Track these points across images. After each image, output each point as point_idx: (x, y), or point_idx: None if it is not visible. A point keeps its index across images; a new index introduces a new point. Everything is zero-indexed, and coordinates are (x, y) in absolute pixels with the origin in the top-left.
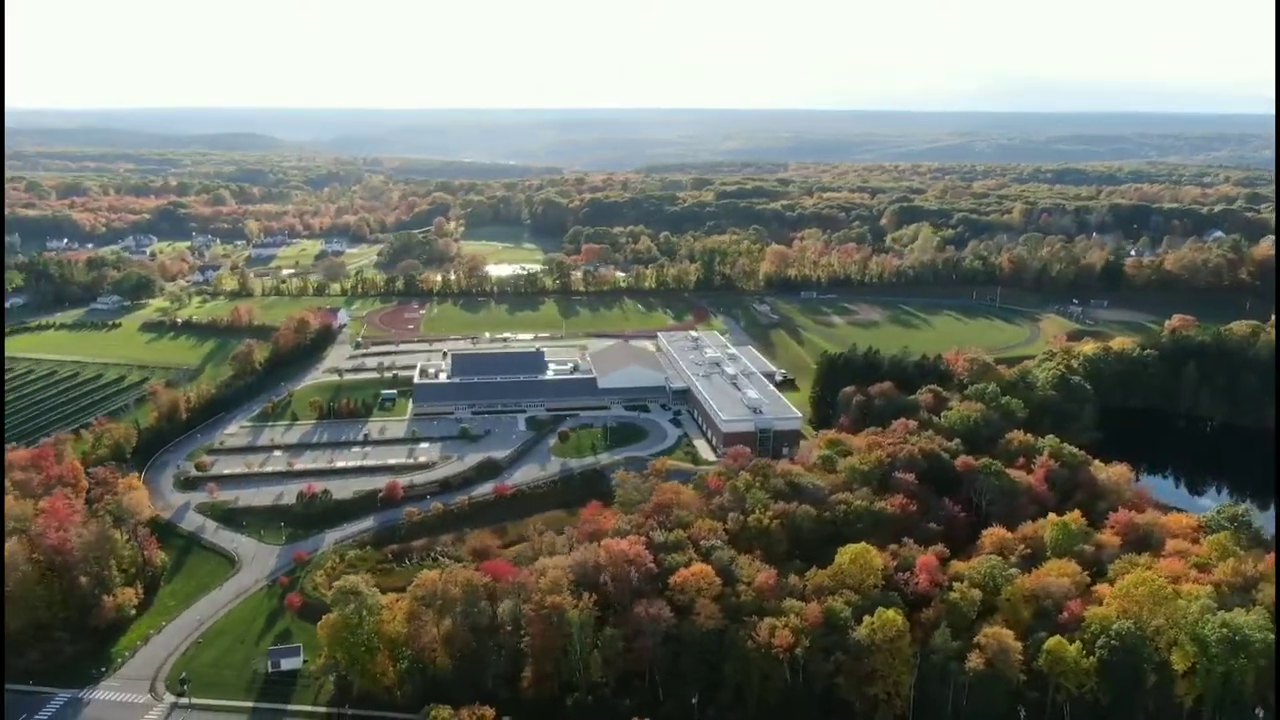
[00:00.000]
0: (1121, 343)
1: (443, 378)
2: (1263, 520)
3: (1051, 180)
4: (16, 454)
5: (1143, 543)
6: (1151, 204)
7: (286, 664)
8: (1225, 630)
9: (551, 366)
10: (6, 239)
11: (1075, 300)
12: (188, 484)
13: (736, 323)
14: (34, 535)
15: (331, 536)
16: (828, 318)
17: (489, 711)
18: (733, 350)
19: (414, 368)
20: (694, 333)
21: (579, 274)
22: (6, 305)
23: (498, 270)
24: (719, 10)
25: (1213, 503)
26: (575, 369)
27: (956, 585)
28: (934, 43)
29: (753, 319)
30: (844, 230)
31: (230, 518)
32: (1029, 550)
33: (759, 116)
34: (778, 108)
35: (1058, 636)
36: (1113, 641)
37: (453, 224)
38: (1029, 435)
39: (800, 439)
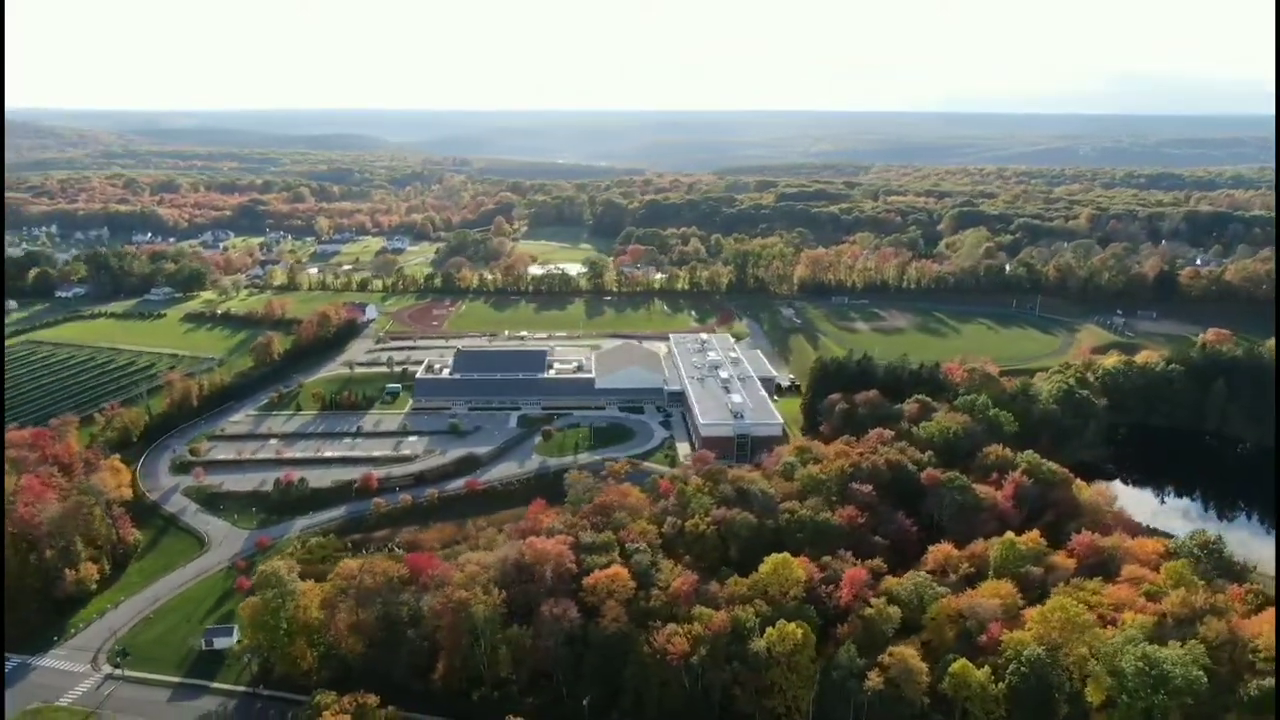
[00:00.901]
0: (1148, 356)
1: (446, 374)
2: (1257, 548)
3: (1144, 185)
4: (17, 433)
5: (1102, 567)
6: (1235, 211)
7: (219, 643)
8: (1142, 664)
9: (555, 366)
10: (97, 232)
11: (1120, 311)
12: (181, 468)
13: (760, 326)
14: (7, 509)
15: (301, 523)
16: (853, 323)
17: (372, 699)
18: (736, 354)
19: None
20: (704, 335)
21: (612, 274)
22: (68, 295)
23: (534, 270)
24: (818, 13)
25: (1246, 531)
26: (579, 368)
27: (874, 601)
28: (1056, 43)
29: (776, 323)
30: (894, 235)
31: (211, 501)
32: (973, 569)
33: (857, 119)
34: (876, 110)
35: (963, 660)
36: (1022, 668)
37: (517, 224)
38: (1007, 450)
39: (781, 445)
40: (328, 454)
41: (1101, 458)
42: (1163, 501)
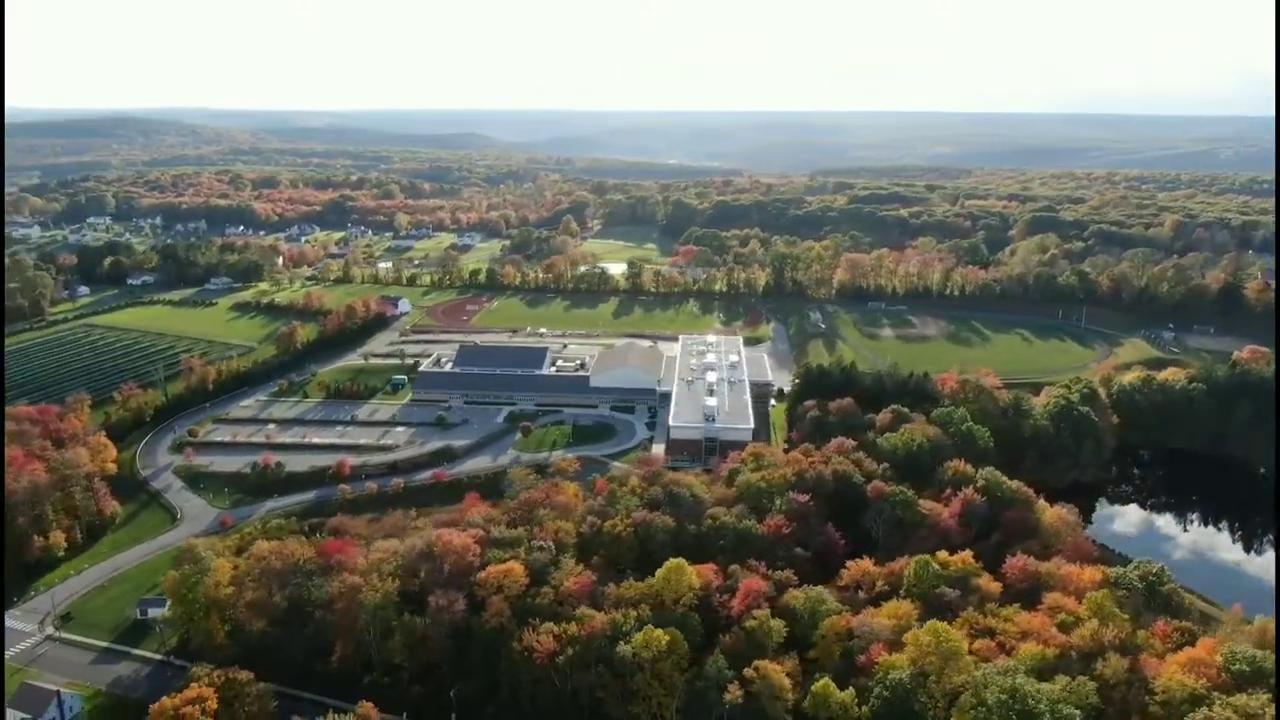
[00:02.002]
0: (1173, 373)
1: (448, 367)
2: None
3: (1267, 192)
4: (24, 409)
5: (1033, 592)
6: None
7: (153, 613)
8: (1006, 697)
9: (558, 363)
10: (195, 224)
11: (1171, 325)
12: (178, 448)
13: (786, 329)
14: None
15: (270, 505)
16: (880, 330)
17: (244, 675)
18: (736, 357)
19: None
20: (711, 337)
21: (649, 274)
22: (137, 282)
23: (583, 268)
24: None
25: (1241, 555)
26: (581, 366)
27: (757, 614)
28: (1203, 40)
29: (803, 327)
30: (954, 240)
31: (195, 480)
32: (887, 587)
33: (982, 120)
34: (1001, 111)
35: (826, 679)
36: (885, 692)
37: (591, 222)
38: (967, 465)
39: None
40: (315, 440)
41: (1100, 479)
42: (1185, 529)
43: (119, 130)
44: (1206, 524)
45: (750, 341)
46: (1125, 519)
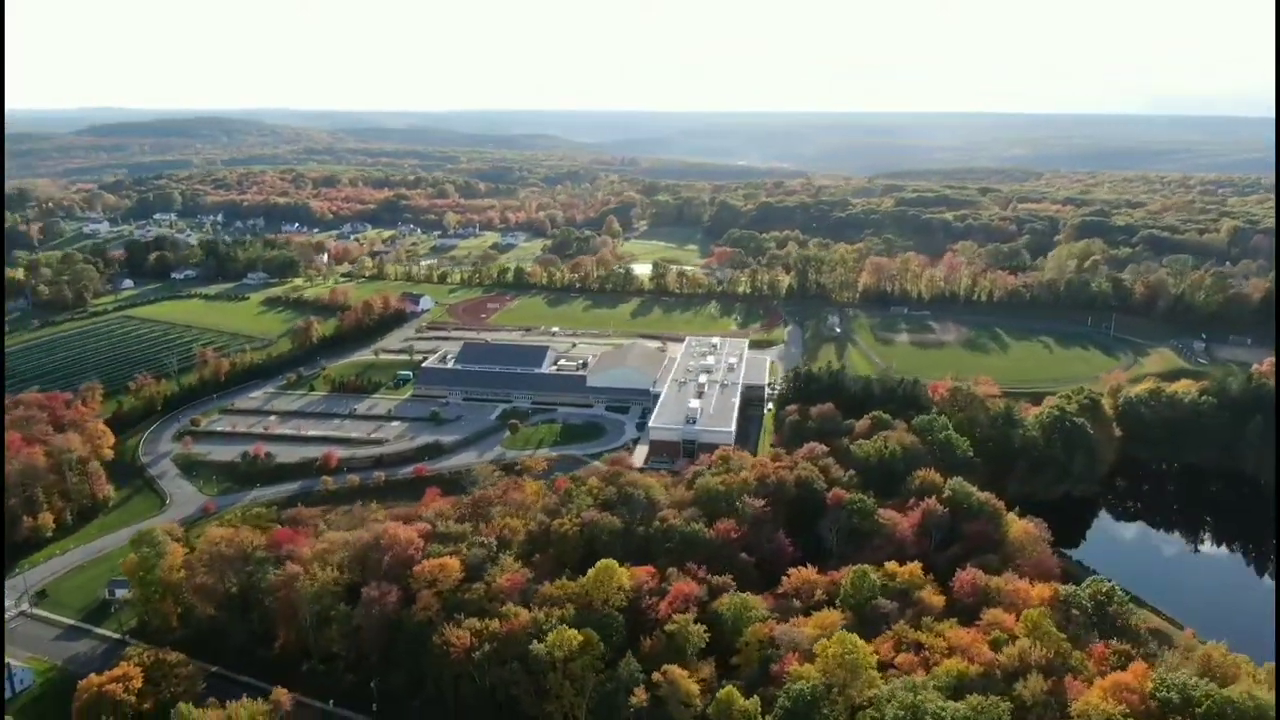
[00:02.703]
0: (1185, 385)
1: (450, 364)
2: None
3: None
4: (34, 395)
5: (977, 608)
6: None
7: (119, 594)
8: (902, 713)
9: (560, 362)
10: (254, 221)
11: (1204, 335)
12: (180, 437)
13: (802, 332)
14: None
15: (255, 494)
16: (895, 335)
17: (174, 656)
18: (735, 360)
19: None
20: (715, 340)
21: (673, 275)
22: (181, 276)
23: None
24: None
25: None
26: (582, 366)
27: (678, 618)
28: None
29: (819, 330)
30: (995, 245)
31: (190, 468)
32: (825, 596)
33: (1061, 121)
34: (1088, 112)
35: (731, 687)
36: (786, 703)
37: (637, 223)
38: (936, 475)
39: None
40: (309, 433)
41: (1093, 493)
42: (1196, 550)
43: (204, 130)
44: (1206, 542)
45: (764, 344)
46: (1122, 535)
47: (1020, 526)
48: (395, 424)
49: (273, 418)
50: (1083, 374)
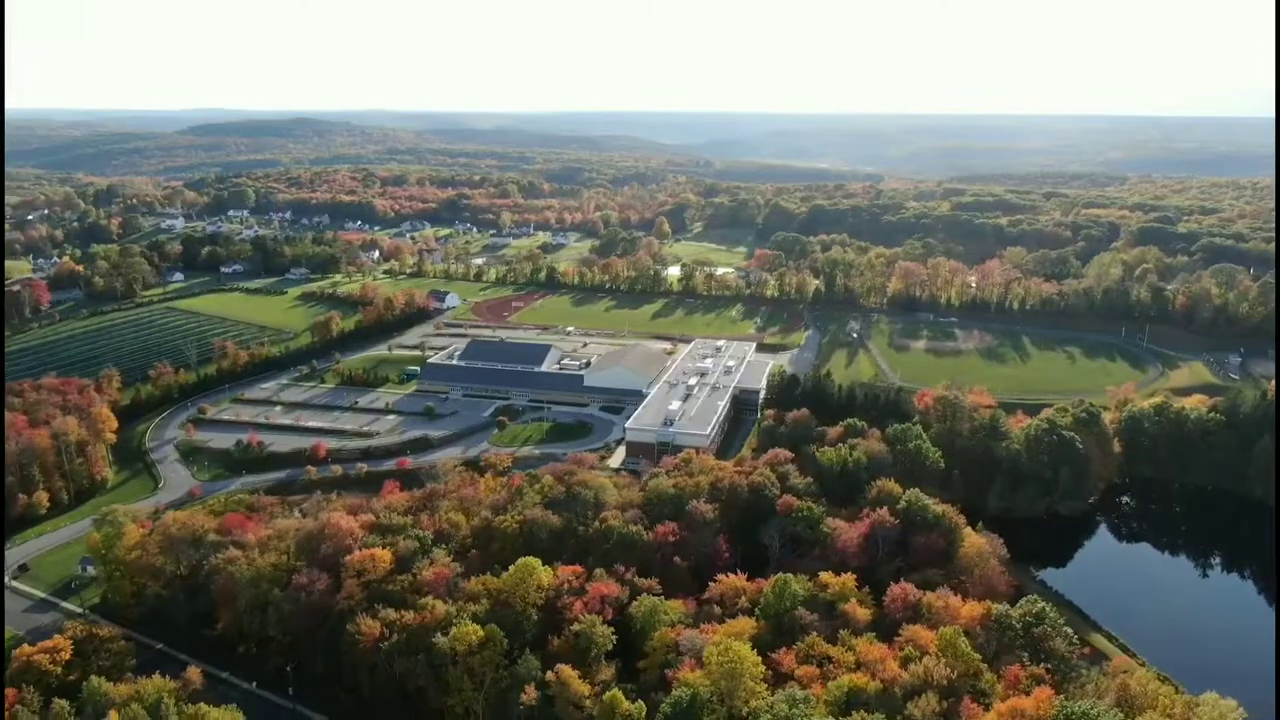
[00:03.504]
0: (1196, 401)
1: (455, 360)
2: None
3: None
4: (50, 380)
5: (907, 623)
6: None
7: (91, 570)
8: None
9: (564, 360)
10: (319, 219)
11: (1241, 348)
12: (186, 424)
13: (821, 337)
14: None
15: (244, 481)
16: (914, 342)
17: (107, 630)
18: (734, 363)
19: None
20: (719, 342)
21: (701, 277)
22: (229, 270)
23: (670, 268)
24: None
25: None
26: (585, 365)
27: (584, 619)
28: None
29: (837, 336)
30: (1042, 250)
31: (189, 454)
32: (749, 604)
33: (1168, 124)
34: (1200, 115)
35: (616, 690)
36: (668, 709)
37: (692, 224)
38: (895, 485)
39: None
40: (308, 423)
41: (1079, 510)
42: (1205, 574)
43: (297, 130)
44: (1201, 568)
45: (778, 348)
46: (1115, 556)
47: (975, 541)
48: (391, 418)
49: (277, 408)
50: (1099, 387)
